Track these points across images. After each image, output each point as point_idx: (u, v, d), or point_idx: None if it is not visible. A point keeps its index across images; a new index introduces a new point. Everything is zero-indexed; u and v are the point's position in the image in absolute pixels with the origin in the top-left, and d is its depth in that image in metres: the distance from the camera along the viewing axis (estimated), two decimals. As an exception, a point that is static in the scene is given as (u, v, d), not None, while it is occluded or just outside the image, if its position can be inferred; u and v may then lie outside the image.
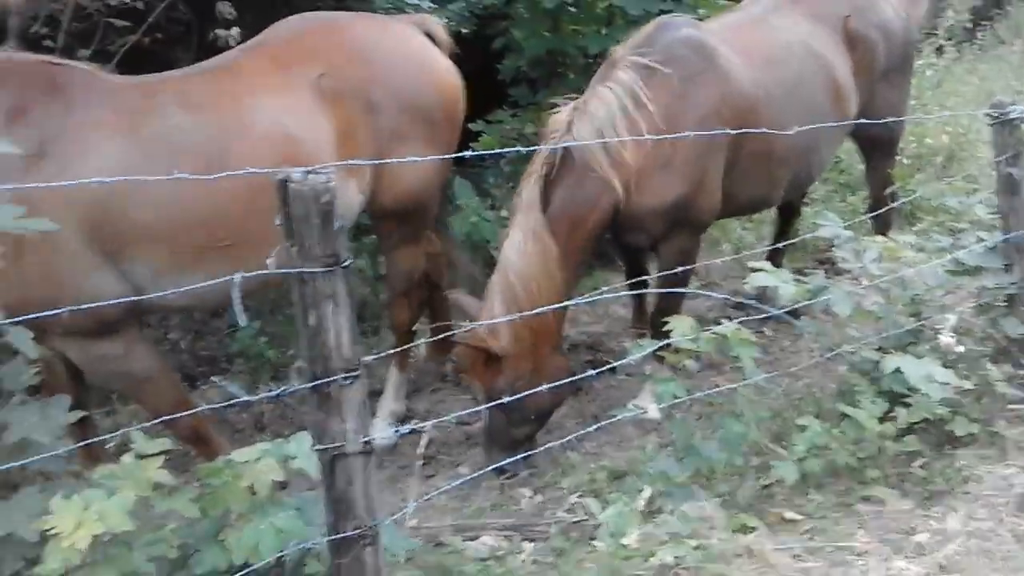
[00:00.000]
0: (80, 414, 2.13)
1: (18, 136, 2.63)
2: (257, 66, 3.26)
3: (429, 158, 3.46)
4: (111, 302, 2.67)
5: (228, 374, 4.28)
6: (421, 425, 2.99)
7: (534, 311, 3.23)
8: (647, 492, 3.26)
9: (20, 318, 1.98)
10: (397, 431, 2.89)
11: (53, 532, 1.83)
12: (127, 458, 2.05)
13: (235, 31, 4.18)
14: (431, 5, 5.14)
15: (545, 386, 3.00)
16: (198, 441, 3.25)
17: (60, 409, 2.04)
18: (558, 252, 3.50)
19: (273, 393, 1.97)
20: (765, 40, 4.12)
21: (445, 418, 3.67)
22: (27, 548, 1.91)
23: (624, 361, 3.73)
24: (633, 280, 4.11)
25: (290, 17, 3.66)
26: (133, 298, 2.67)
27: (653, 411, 3.91)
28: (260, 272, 1.87)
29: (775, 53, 4.08)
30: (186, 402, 3.16)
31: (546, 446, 3.52)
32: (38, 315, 1.94)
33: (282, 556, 2.13)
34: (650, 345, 3.08)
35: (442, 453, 4.00)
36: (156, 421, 2.90)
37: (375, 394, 4.07)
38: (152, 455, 2.07)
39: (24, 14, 3.94)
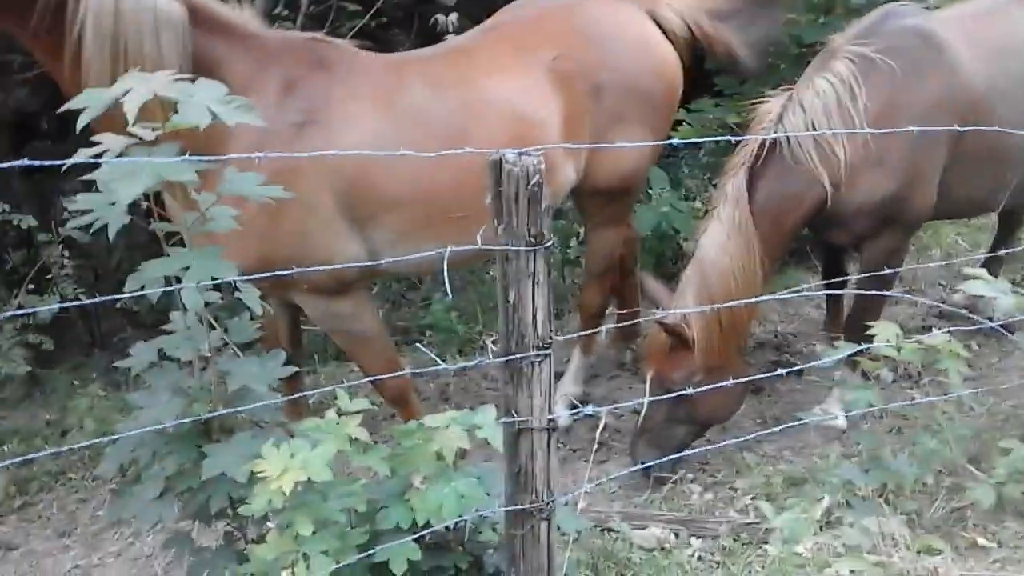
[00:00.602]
0: (293, 369, 2.28)
1: (289, 107, 2.88)
2: (495, 47, 3.37)
3: (643, 143, 3.45)
4: (355, 264, 2.91)
5: (419, 345, 4.45)
6: (598, 410, 3.00)
7: (728, 304, 3.15)
8: (826, 501, 3.14)
9: (272, 273, 2.15)
10: (575, 413, 2.92)
11: (261, 475, 1.98)
12: (330, 414, 2.18)
13: (454, 16, 4.34)
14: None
15: (730, 382, 2.93)
16: (400, 402, 3.43)
17: (276, 363, 2.19)
18: (760, 248, 3.40)
19: (470, 363, 2.04)
20: (1001, 32, 3.79)
21: (622, 404, 3.68)
22: (236, 488, 2.07)
23: (815, 364, 3.60)
24: (831, 280, 3.93)
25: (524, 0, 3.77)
26: (377, 262, 2.89)
27: (841, 419, 3.76)
28: (468, 247, 1.93)
29: (1010, 46, 3.76)
30: (397, 364, 3.34)
31: (721, 444, 3.44)
32: (295, 271, 2.09)
33: (460, 521, 2.20)
34: (846, 349, 2.95)
35: (615, 440, 4.00)
36: (367, 380, 3.09)
37: (555, 375, 4.12)
38: (352, 413, 2.18)
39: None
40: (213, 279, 1.91)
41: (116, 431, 2.07)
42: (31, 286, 4.27)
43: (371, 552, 2.10)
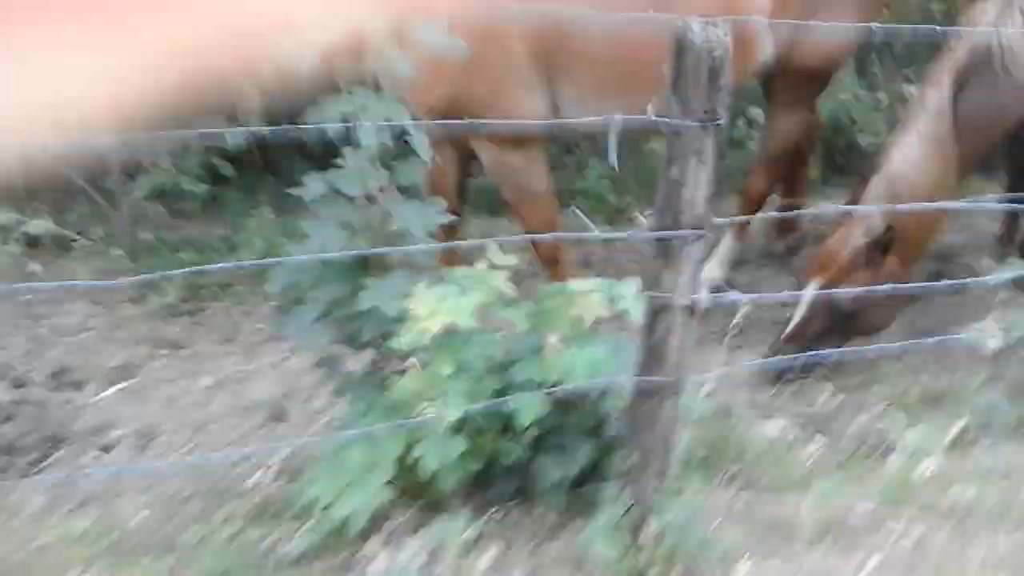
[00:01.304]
0: (451, 217, 2.36)
1: None
2: None
3: (848, 26, 3.24)
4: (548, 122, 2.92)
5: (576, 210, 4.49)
6: (741, 297, 2.96)
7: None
8: (962, 422, 3.04)
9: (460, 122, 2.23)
10: (718, 296, 2.90)
11: (411, 314, 2.09)
12: (480, 265, 2.25)
13: None
14: None
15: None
16: (552, 262, 3.50)
17: (436, 210, 2.27)
18: (955, 164, 3.18)
19: (622, 235, 2.04)
20: None
21: (766, 296, 3.61)
22: (387, 323, 2.19)
23: (980, 280, 3.40)
24: (1014, 196, 3.65)
25: None
26: (569, 120, 2.86)
27: (996, 341, 3.57)
28: (637, 117, 1.91)
29: None
30: (556, 224, 3.39)
31: (863, 348, 3.35)
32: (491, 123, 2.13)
33: (589, 385, 2.27)
34: (1017, 268, 2.78)
35: (752, 329, 3.96)
36: (525, 237, 3.15)
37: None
38: (501, 267, 2.25)
39: None
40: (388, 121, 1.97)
41: (284, 253, 2.22)
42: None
43: (503, 400, 2.21)
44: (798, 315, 3.26)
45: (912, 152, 3.21)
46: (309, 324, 2.25)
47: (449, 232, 3.44)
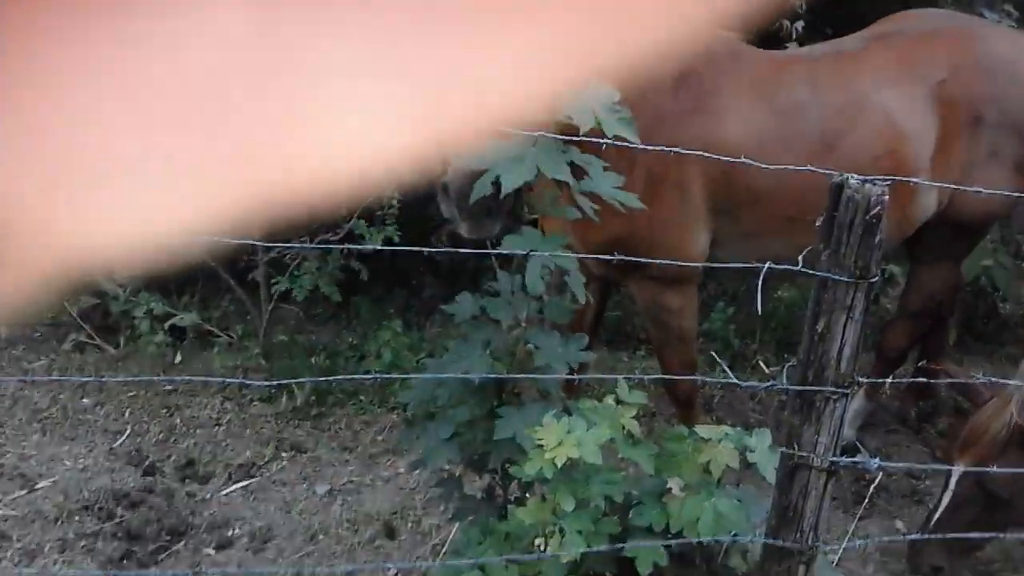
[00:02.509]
0: (593, 356, 2.37)
1: (680, 96, 3.00)
2: (882, 57, 3.31)
3: (999, 192, 3.18)
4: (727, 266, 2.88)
5: (713, 354, 4.44)
6: (877, 463, 2.80)
7: None
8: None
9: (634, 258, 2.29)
10: (853, 460, 2.76)
11: (539, 443, 2.08)
12: (609, 400, 2.23)
13: (799, 23, 4.24)
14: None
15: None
16: (686, 405, 3.45)
17: (579, 346, 2.28)
18: None
19: (763, 385, 2.00)
20: None
21: (901, 464, 3.42)
22: (515, 450, 2.19)
23: None
24: None
25: (920, 12, 3.76)
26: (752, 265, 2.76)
27: None
28: (787, 267, 1.90)
29: None
30: (694, 366, 3.38)
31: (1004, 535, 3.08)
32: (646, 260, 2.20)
33: (713, 540, 2.17)
34: None
35: (880, 498, 3.74)
36: (664, 376, 3.13)
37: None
38: (629, 404, 2.23)
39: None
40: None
41: (425, 368, 2.27)
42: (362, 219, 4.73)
43: (623, 546, 2.14)
44: (945, 499, 3.00)
45: None
46: (439, 442, 2.27)
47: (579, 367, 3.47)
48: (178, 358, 4.66)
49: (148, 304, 4.81)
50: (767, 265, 1.88)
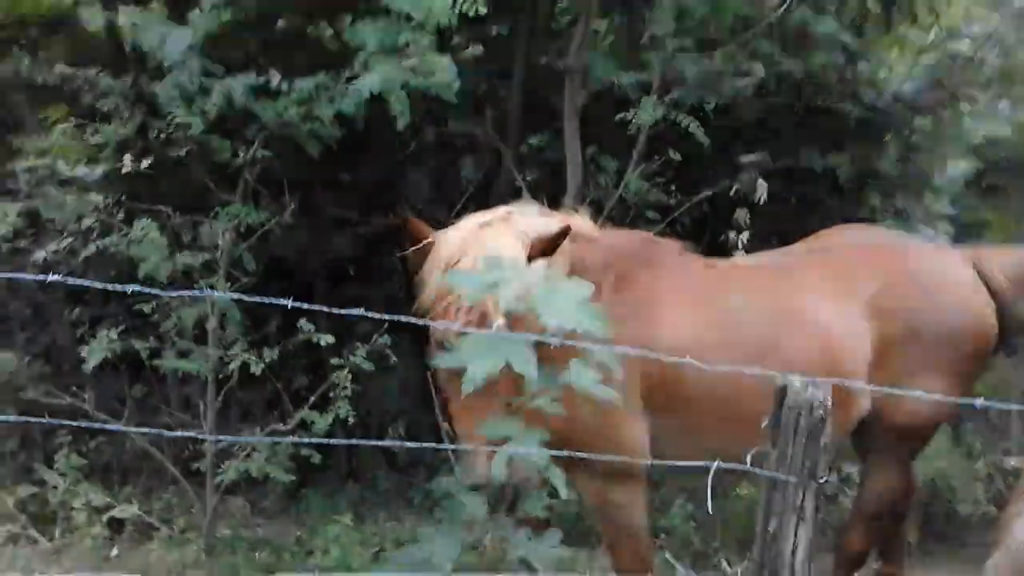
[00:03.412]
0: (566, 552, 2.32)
1: (619, 300, 3.06)
2: (817, 269, 3.44)
3: (937, 396, 3.28)
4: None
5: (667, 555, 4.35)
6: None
7: None
8: None
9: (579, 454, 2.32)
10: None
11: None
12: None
13: (745, 235, 4.50)
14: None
15: None
16: None
17: (552, 543, 2.24)
18: None
19: (717, 587, 1.96)
20: None
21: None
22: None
23: None
24: None
25: (854, 227, 3.97)
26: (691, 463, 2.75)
27: None
28: (735, 465, 1.92)
29: None
30: (650, 566, 3.27)
31: None
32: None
33: None
34: None
35: None
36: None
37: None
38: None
39: (578, 195, 4.68)
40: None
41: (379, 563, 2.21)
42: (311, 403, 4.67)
43: None
44: None
45: None
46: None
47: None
48: (115, 551, 4.44)
49: (87, 495, 4.64)
50: (716, 463, 1.90)
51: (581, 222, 3.24)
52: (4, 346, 5.68)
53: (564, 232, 2.78)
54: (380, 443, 2.46)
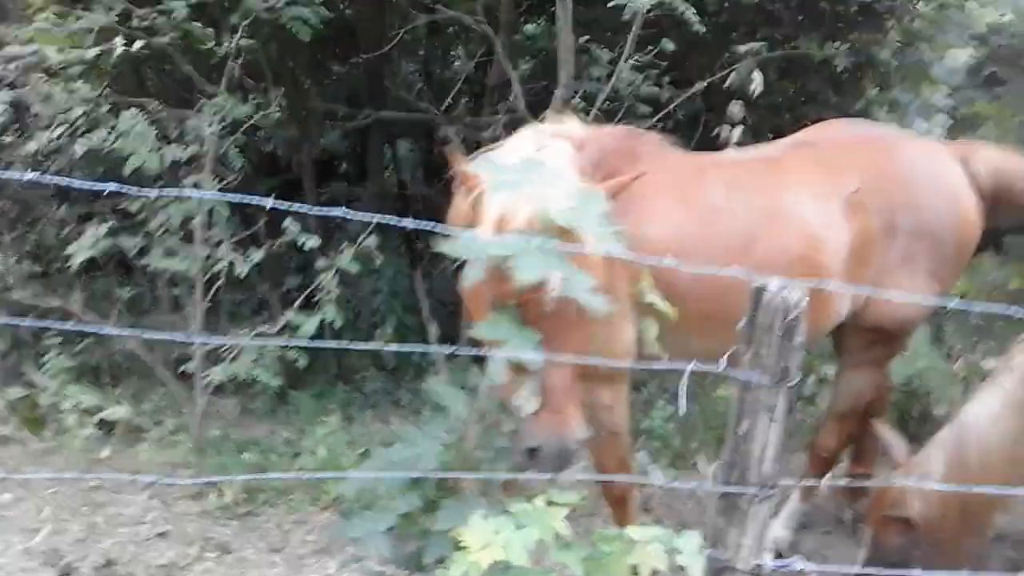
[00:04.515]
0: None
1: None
2: (801, 164, 3.43)
3: (923, 297, 3.33)
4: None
5: (642, 452, 4.42)
6: (809, 566, 2.80)
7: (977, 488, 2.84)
8: None
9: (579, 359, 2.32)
10: (783, 564, 2.75)
11: (463, 544, 2.04)
12: (539, 501, 2.21)
13: (738, 130, 4.42)
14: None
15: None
16: (620, 504, 3.39)
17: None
18: None
19: (687, 485, 2.00)
20: None
21: (831, 568, 3.41)
22: (450, 547, 2.14)
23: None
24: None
25: (842, 121, 3.91)
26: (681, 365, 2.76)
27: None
28: (708, 368, 1.93)
29: None
30: (628, 466, 3.34)
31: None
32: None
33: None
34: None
35: (818, 599, 3.71)
36: (594, 478, 3.10)
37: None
38: (561, 505, 2.20)
39: (569, 88, 4.56)
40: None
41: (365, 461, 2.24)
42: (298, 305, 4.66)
43: (550, 650, 2.09)
44: (861, 555, 3.18)
45: (991, 407, 3.12)
46: (375, 534, 2.21)
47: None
48: (105, 452, 4.51)
49: (77, 396, 4.68)
50: (691, 365, 1.91)
51: (567, 126, 3.19)
52: (-2, 248, 5.64)
53: (635, 178, 2.68)
54: (367, 346, 2.43)
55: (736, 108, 4.65)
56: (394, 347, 2.50)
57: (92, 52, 3.99)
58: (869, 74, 6.17)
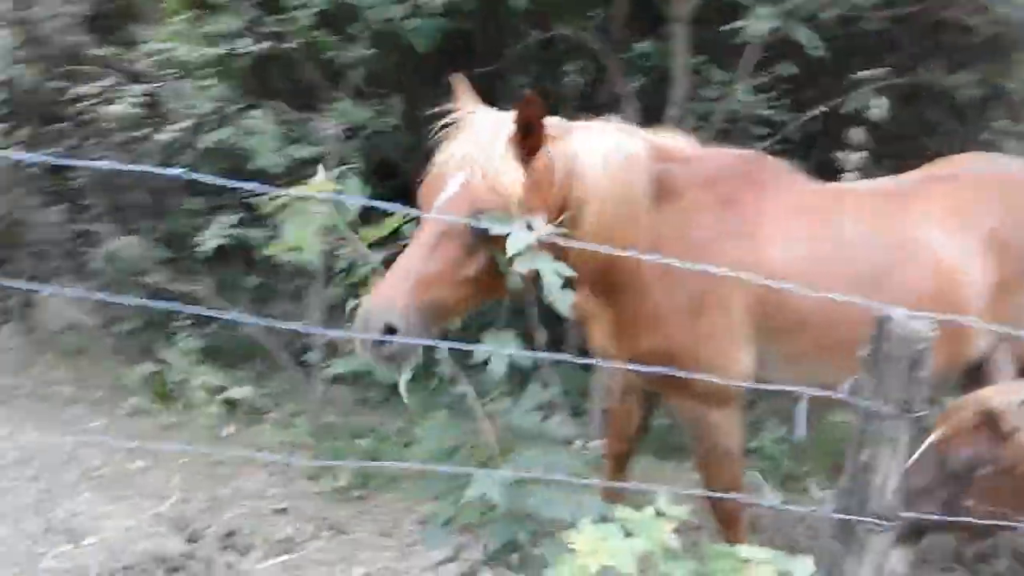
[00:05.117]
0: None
1: (727, 218, 3.03)
2: (937, 198, 3.29)
3: None
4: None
5: (756, 473, 4.37)
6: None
7: None
8: None
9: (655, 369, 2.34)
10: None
11: (571, 547, 2.08)
12: (648, 511, 2.23)
13: (858, 156, 4.32)
14: None
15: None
16: (730, 523, 3.35)
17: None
18: None
19: (805, 509, 1.99)
20: None
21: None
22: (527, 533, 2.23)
23: None
24: None
25: (977, 155, 3.81)
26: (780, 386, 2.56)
27: None
28: (830, 393, 1.91)
29: None
30: (740, 486, 3.28)
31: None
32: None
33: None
34: None
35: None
36: (705, 494, 3.09)
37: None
38: (670, 517, 2.22)
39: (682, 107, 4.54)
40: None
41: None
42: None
43: (653, 659, 2.11)
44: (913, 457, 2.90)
45: None
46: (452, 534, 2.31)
47: (618, 470, 3.45)
48: (230, 429, 4.76)
49: (204, 376, 4.96)
50: (809, 391, 1.90)
51: (673, 140, 3.17)
52: (127, 232, 6.04)
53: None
54: (482, 347, 2.50)
55: (856, 133, 4.54)
56: (508, 351, 2.54)
57: (222, 52, 4.21)
58: (996, 105, 5.89)
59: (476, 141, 2.63)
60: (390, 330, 2.42)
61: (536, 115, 2.59)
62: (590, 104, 6.24)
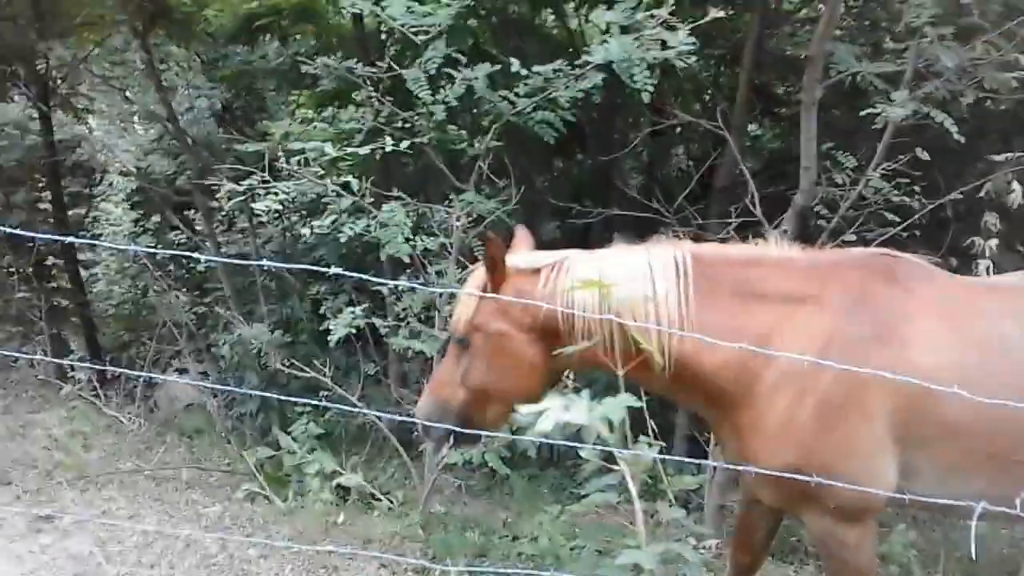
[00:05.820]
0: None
1: (859, 318, 2.85)
2: None
3: None
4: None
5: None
6: None
7: None
8: None
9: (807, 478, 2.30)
10: None
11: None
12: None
13: (993, 242, 4.11)
14: None
15: None
16: None
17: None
18: None
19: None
20: None
21: None
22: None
23: None
24: None
25: None
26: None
27: None
28: (1003, 509, 1.75)
29: None
30: None
31: None
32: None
33: None
34: None
35: None
36: None
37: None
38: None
39: (810, 194, 4.45)
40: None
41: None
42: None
43: None
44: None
45: None
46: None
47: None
48: (341, 517, 4.76)
49: (320, 462, 4.99)
50: (981, 505, 1.74)
51: (786, 248, 3.07)
52: (251, 318, 6.24)
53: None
54: (587, 446, 2.42)
55: (991, 219, 4.33)
56: (614, 449, 2.45)
57: (365, 149, 4.35)
58: None
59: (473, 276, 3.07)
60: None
61: (495, 253, 2.87)
62: (702, 188, 6.24)
